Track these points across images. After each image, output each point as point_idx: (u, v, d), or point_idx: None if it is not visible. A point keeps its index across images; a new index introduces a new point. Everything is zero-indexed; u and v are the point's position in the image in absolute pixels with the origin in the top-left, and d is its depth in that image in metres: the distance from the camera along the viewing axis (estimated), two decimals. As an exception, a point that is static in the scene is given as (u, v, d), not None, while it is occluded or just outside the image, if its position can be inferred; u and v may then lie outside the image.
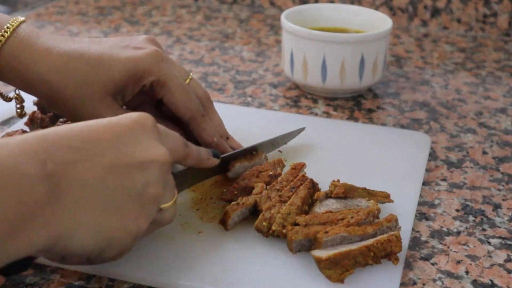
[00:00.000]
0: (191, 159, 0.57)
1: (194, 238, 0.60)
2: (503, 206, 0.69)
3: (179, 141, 0.55)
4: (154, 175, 0.49)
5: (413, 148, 0.76)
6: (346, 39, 0.87)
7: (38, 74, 0.60)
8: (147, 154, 0.49)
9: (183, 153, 0.56)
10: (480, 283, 0.57)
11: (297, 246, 0.57)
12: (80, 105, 0.61)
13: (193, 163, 0.58)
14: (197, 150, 0.58)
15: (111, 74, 0.61)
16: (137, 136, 0.49)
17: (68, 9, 1.31)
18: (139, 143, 0.49)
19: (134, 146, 0.48)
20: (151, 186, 0.49)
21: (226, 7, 1.34)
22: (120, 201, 0.47)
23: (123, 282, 0.56)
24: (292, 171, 0.65)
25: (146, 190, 0.48)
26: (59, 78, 0.60)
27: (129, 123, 0.49)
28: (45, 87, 0.60)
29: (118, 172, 0.47)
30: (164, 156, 0.50)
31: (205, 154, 0.60)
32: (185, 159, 0.56)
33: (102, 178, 0.46)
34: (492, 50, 1.14)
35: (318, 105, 0.91)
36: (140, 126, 0.50)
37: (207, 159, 0.60)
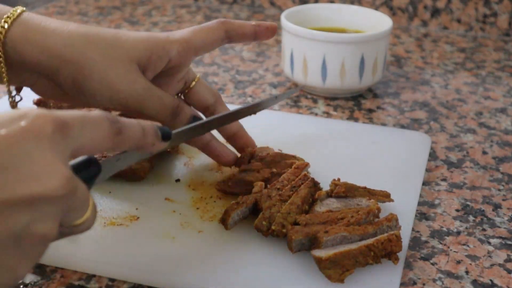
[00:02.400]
0: (126, 146, 0.44)
1: (194, 237, 0.60)
2: (503, 206, 0.69)
3: (105, 131, 0.41)
4: (42, 212, 0.36)
5: (413, 148, 0.76)
6: (346, 39, 0.87)
7: (59, 41, 0.57)
8: (34, 187, 0.36)
9: (112, 144, 0.42)
10: (480, 283, 0.57)
11: (297, 246, 0.57)
12: (110, 68, 0.58)
13: (131, 150, 0.46)
14: (139, 135, 0.45)
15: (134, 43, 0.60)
16: (25, 155, 0.36)
17: (68, 9, 1.31)
18: (26, 166, 0.36)
19: (18, 172, 0.35)
20: (38, 225, 0.36)
21: (226, 7, 1.34)
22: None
23: (123, 282, 0.56)
24: (294, 171, 0.65)
25: (29, 231, 0.36)
26: (82, 41, 0.58)
27: (18, 133, 0.36)
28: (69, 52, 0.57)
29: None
30: (59, 188, 0.37)
31: (151, 138, 0.46)
32: (118, 147, 0.44)
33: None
34: (492, 50, 1.14)
35: (318, 105, 0.91)
36: (33, 136, 0.36)
37: (152, 144, 0.46)
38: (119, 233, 0.60)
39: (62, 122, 0.38)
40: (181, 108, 0.63)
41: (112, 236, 0.59)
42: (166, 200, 0.65)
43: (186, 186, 0.67)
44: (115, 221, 0.61)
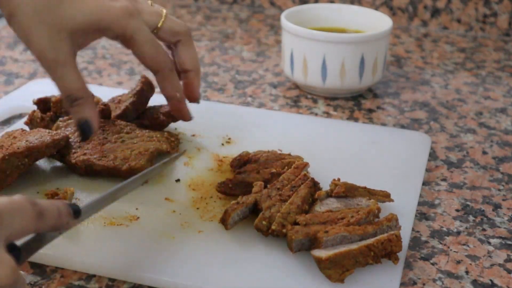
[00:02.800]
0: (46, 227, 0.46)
1: (194, 237, 0.60)
2: (503, 206, 0.69)
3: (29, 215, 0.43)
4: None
5: (413, 148, 0.76)
6: (346, 39, 0.87)
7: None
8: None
9: (35, 227, 0.44)
10: (480, 283, 0.57)
11: (297, 246, 0.57)
12: (35, 28, 0.59)
13: (49, 230, 0.47)
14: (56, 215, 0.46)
15: (74, 13, 0.60)
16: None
17: (68, 9, 1.31)
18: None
19: None
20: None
21: (226, 7, 1.34)
22: None
23: (123, 282, 0.56)
24: (294, 170, 0.65)
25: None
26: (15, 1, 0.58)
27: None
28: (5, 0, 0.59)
29: None
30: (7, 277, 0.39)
31: (65, 217, 0.47)
32: (38, 230, 0.45)
33: None
34: (492, 50, 1.14)
35: (318, 105, 0.91)
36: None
37: (66, 223, 0.48)
38: (119, 233, 0.60)
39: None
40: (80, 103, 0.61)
41: (112, 236, 0.59)
42: (166, 200, 0.65)
43: (186, 186, 0.67)
44: (115, 221, 0.61)
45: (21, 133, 0.69)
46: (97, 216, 0.62)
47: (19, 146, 0.65)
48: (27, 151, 0.64)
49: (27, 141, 0.66)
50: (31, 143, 0.65)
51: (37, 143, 0.66)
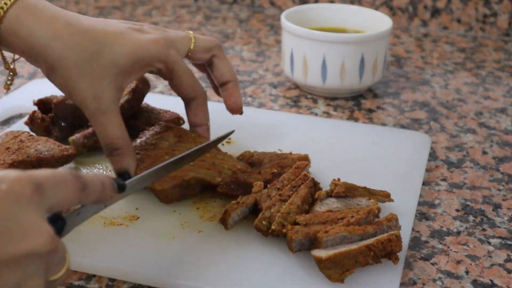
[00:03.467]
0: (90, 200, 0.46)
1: (194, 237, 0.60)
2: (503, 206, 0.69)
3: (72, 187, 0.43)
4: (33, 268, 0.38)
5: (413, 148, 0.76)
6: (346, 39, 0.87)
7: (42, 40, 0.58)
8: (24, 245, 0.38)
9: (78, 199, 0.44)
10: (480, 283, 0.57)
11: (297, 246, 0.57)
12: (77, 80, 0.59)
13: (93, 203, 0.47)
14: (100, 188, 0.47)
15: (114, 57, 0.60)
16: (10, 216, 0.38)
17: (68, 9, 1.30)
18: (12, 226, 0.38)
19: (6, 232, 0.37)
20: (29, 281, 0.38)
21: (226, 7, 1.34)
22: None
23: (123, 282, 0.56)
24: (294, 170, 0.65)
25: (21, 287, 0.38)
26: (62, 47, 0.59)
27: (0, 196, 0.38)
28: (46, 54, 0.59)
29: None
30: (46, 244, 0.39)
31: (109, 191, 0.48)
32: (83, 201, 0.46)
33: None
34: (492, 50, 1.14)
35: (318, 105, 0.91)
36: (15, 198, 0.38)
37: (110, 197, 0.49)
38: (119, 233, 0.60)
39: (38, 183, 0.40)
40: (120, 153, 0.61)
41: (112, 236, 0.59)
42: (166, 200, 0.65)
43: (186, 186, 0.67)
44: (115, 221, 0.61)
45: (28, 137, 0.68)
46: (97, 216, 0.62)
47: (29, 155, 0.64)
48: (37, 161, 0.64)
49: (37, 151, 0.65)
50: (42, 154, 0.65)
51: (48, 155, 0.65)
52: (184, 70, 0.65)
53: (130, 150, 0.62)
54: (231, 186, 0.64)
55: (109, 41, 0.60)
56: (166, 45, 0.63)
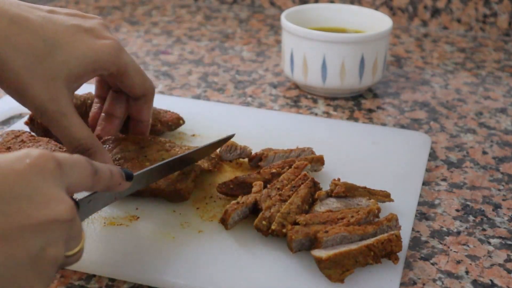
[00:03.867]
0: (101, 186, 0.49)
1: (194, 237, 0.60)
2: (503, 206, 0.69)
3: (86, 170, 0.46)
4: (54, 236, 0.41)
5: (413, 148, 0.76)
6: (346, 39, 0.87)
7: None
8: (47, 212, 0.40)
9: (91, 183, 0.47)
10: (480, 283, 0.57)
11: (297, 246, 0.57)
12: (29, 83, 0.56)
13: (103, 189, 0.50)
14: (109, 175, 0.49)
15: (67, 58, 0.58)
16: (34, 186, 0.40)
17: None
18: (36, 195, 0.40)
19: (31, 200, 0.40)
20: (50, 248, 0.41)
21: (226, 7, 1.34)
22: (10, 274, 0.39)
23: (123, 282, 0.56)
24: (294, 170, 0.65)
25: (44, 253, 0.40)
26: (8, 49, 0.55)
27: (25, 168, 0.40)
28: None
29: (8, 238, 0.38)
30: (67, 212, 0.41)
31: (118, 178, 0.51)
32: (94, 186, 0.48)
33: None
34: (492, 50, 1.14)
35: (318, 105, 0.91)
36: (38, 171, 0.41)
37: (119, 184, 0.51)
38: (119, 233, 0.60)
39: (59, 160, 0.43)
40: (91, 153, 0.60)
41: (112, 236, 0.59)
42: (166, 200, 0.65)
43: (186, 186, 0.67)
44: (115, 221, 0.61)
45: (29, 138, 0.68)
46: (96, 216, 0.62)
47: None
48: None
49: None
50: None
51: None
52: (136, 69, 0.64)
53: (100, 147, 0.61)
54: (230, 186, 0.64)
55: (60, 42, 0.57)
56: (118, 48, 0.62)
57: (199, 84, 0.96)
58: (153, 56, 1.07)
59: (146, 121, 0.69)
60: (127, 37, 1.16)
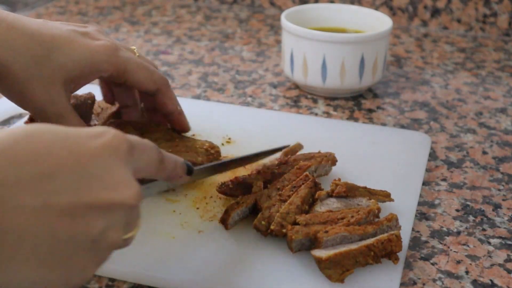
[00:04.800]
0: (163, 175, 0.49)
1: (194, 237, 0.60)
2: (503, 206, 0.69)
3: (154, 157, 0.46)
4: (117, 219, 0.40)
5: (413, 148, 0.76)
6: (346, 39, 0.87)
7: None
8: (115, 194, 0.39)
9: (156, 170, 0.47)
10: (480, 283, 0.57)
11: (297, 246, 0.57)
12: (28, 86, 0.58)
13: (164, 179, 0.50)
14: (173, 166, 0.50)
15: (64, 61, 0.59)
16: (106, 167, 0.40)
17: (68, 9, 1.31)
18: (107, 176, 0.40)
19: (101, 180, 0.39)
20: (111, 231, 0.40)
21: (226, 7, 1.34)
22: (69, 252, 0.38)
23: (123, 282, 0.56)
24: (296, 171, 0.65)
25: (104, 236, 0.39)
26: (6, 52, 0.56)
27: (99, 147, 0.40)
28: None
29: (73, 215, 0.37)
30: (134, 198, 0.41)
31: (180, 171, 0.51)
32: (157, 175, 0.48)
33: (51, 225, 0.36)
34: (492, 50, 1.14)
35: (318, 105, 0.91)
36: (112, 152, 0.41)
37: (180, 176, 0.51)
38: (119, 233, 0.60)
39: (132, 143, 0.42)
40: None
41: (112, 236, 0.59)
42: (166, 200, 0.65)
43: (186, 186, 0.67)
44: (115, 221, 0.61)
45: None
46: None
47: None
48: None
49: None
50: None
51: None
52: (137, 65, 0.64)
53: None
54: (230, 186, 0.64)
55: (57, 45, 0.59)
56: (114, 48, 0.62)
57: (199, 84, 0.96)
58: (153, 56, 1.07)
59: (176, 112, 0.68)
60: (127, 37, 1.16)
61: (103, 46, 0.61)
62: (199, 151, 0.69)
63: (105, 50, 0.61)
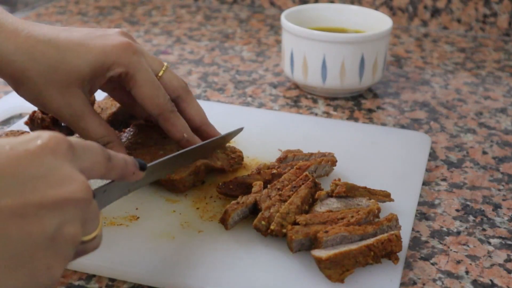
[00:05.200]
0: (114, 174, 0.48)
1: (194, 237, 0.60)
2: (503, 206, 0.69)
3: (100, 156, 0.46)
4: (70, 214, 0.40)
5: (413, 148, 0.76)
6: (346, 39, 0.87)
7: (5, 54, 0.59)
8: (61, 191, 0.40)
9: (105, 169, 0.47)
10: (480, 283, 0.57)
11: (297, 246, 0.57)
12: (45, 90, 0.60)
13: (117, 178, 0.49)
14: (123, 164, 0.49)
15: (78, 63, 0.60)
16: (48, 167, 0.40)
17: (68, 9, 1.31)
18: (51, 175, 0.40)
19: (45, 179, 0.40)
20: (67, 227, 0.40)
21: (226, 7, 1.34)
22: (27, 252, 0.38)
23: (123, 282, 0.56)
24: (296, 171, 0.65)
25: (60, 232, 0.40)
26: (25, 59, 0.59)
27: (37, 149, 0.40)
28: (11, 68, 0.59)
29: (24, 215, 0.38)
30: (82, 191, 0.41)
31: (132, 167, 0.50)
32: (108, 174, 0.48)
33: (4, 226, 0.37)
34: (492, 50, 1.14)
35: (318, 105, 0.91)
36: (51, 151, 0.41)
37: (132, 173, 0.51)
38: (119, 233, 0.60)
39: (71, 143, 0.43)
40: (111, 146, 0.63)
41: (112, 236, 0.59)
42: (166, 200, 0.65)
43: (186, 186, 0.67)
44: (115, 221, 0.61)
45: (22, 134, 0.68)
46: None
47: None
48: None
49: None
50: None
51: None
52: (147, 79, 0.62)
53: (118, 141, 0.64)
54: (230, 187, 0.64)
55: (72, 48, 0.60)
56: (129, 49, 0.62)
57: (199, 84, 0.96)
58: (153, 56, 1.07)
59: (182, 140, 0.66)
60: (127, 37, 1.16)
61: (115, 46, 0.61)
62: (220, 156, 0.69)
63: (117, 49, 0.61)
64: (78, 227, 0.41)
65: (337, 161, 0.69)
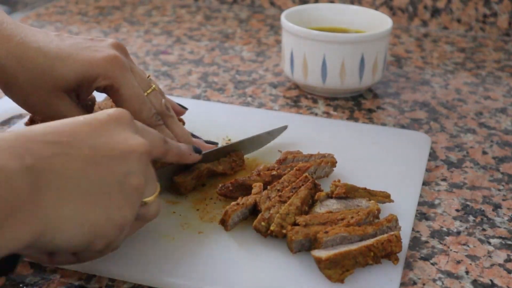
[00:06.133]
0: (171, 155, 0.58)
1: (194, 238, 0.60)
2: (503, 206, 0.69)
3: (157, 137, 0.55)
4: (134, 165, 0.49)
5: (413, 148, 0.76)
6: (346, 39, 0.87)
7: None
8: (126, 145, 0.49)
9: (163, 149, 0.56)
10: (480, 283, 0.57)
11: (297, 246, 0.57)
12: (33, 94, 0.62)
13: (174, 159, 0.58)
14: (177, 146, 0.59)
15: (65, 72, 0.61)
16: (114, 129, 0.50)
17: (68, 9, 1.31)
18: (116, 135, 0.49)
19: (112, 138, 0.49)
20: (132, 176, 0.49)
21: (226, 7, 1.34)
22: (102, 191, 0.47)
23: (123, 282, 0.56)
24: (296, 172, 0.65)
25: (127, 180, 0.48)
26: (15, 64, 0.61)
27: (105, 117, 0.50)
28: (1, 71, 0.61)
29: (97, 163, 0.47)
30: (143, 146, 0.50)
31: (187, 150, 0.61)
32: (166, 155, 0.57)
33: (81, 170, 0.46)
34: (492, 50, 1.14)
35: (318, 105, 0.91)
36: (116, 120, 0.50)
37: (189, 154, 0.61)
38: (119, 233, 0.60)
39: (133, 118, 0.52)
40: None
41: (112, 236, 0.59)
42: (167, 201, 0.65)
43: (186, 186, 0.67)
44: (115, 221, 0.61)
45: None
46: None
47: None
48: None
49: None
50: None
51: None
52: (131, 94, 0.63)
53: None
54: (230, 188, 0.64)
55: (60, 57, 0.62)
56: (116, 63, 0.62)
57: (199, 84, 0.96)
58: (153, 56, 1.07)
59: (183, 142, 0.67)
60: (127, 37, 1.16)
61: (103, 58, 0.62)
62: (222, 160, 0.69)
63: (104, 62, 0.62)
64: (141, 179, 0.49)
65: (336, 162, 0.69)
